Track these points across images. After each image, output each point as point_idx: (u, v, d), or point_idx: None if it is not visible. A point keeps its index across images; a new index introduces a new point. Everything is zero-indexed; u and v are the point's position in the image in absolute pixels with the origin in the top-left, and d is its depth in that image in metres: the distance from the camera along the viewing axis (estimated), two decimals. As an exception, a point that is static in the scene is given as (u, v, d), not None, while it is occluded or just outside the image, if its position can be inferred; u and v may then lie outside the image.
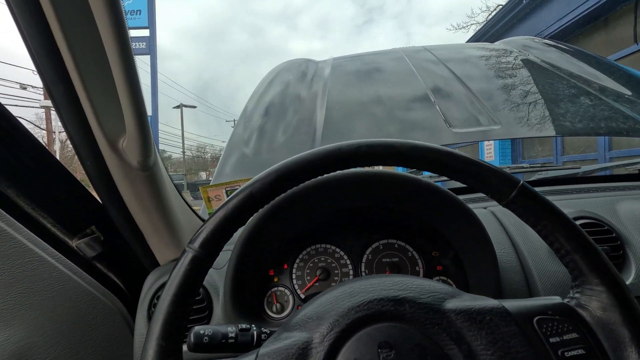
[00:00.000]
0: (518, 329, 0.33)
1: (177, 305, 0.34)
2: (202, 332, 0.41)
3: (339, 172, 0.57)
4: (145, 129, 0.46)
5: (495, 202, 0.81)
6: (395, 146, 0.39)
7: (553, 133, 1.13)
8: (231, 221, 0.37)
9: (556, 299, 0.36)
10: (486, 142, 6.16)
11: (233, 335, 0.44)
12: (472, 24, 10.97)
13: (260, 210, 0.58)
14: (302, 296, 0.68)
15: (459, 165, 0.38)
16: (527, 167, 1.15)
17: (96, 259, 0.68)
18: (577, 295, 0.35)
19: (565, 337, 0.33)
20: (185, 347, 0.41)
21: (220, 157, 1.29)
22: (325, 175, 0.51)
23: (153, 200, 0.58)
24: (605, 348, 0.32)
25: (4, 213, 0.53)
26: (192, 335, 0.41)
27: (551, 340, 0.33)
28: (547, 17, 5.11)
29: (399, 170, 0.66)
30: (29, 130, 0.57)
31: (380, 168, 0.79)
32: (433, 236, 0.69)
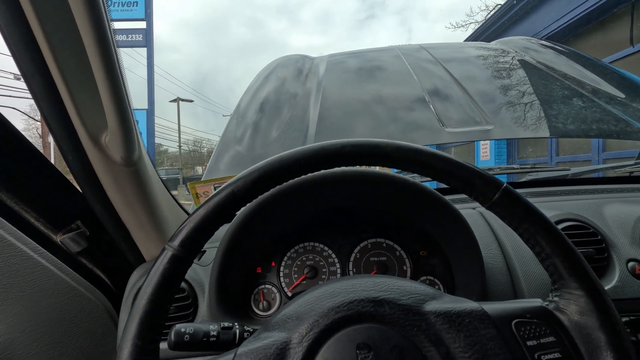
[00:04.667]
0: (496, 332, 0.33)
1: (154, 304, 0.34)
2: (183, 330, 0.41)
3: (326, 171, 0.57)
4: (127, 124, 0.46)
5: None
6: (380, 146, 0.39)
7: (546, 134, 1.14)
8: (212, 219, 0.37)
9: (536, 302, 0.36)
10: (482, 142, 6.18)
11: (215, 333, 0.43)
12: (471, 23, 10.97)
13: (247, 206, 0.57)
14: (289, 294, 0.68)
15: (443, 166, 0.38)
16: (517, 168, 1.15)
17: (81, 254, 0.68)
18: (555, 298, 0.35)
19: (542, 341, 0.33)
20: (166, 345, 0.41)
21: (213, 153, 1.28)
22: (312, 174, 0.51)
23: (138, 196, 0.57)
24: (582, 352, 0.32)
25: None
26: (172, 333, 0.40)
27: (528, 343, 0.33)
28: (544, 17, 5.12)
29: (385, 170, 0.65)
30: (11, 121, 0.55)
31: (364, 167, 0.78)
32: (421, 236, 0.69)
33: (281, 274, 0.69)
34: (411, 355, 0.32)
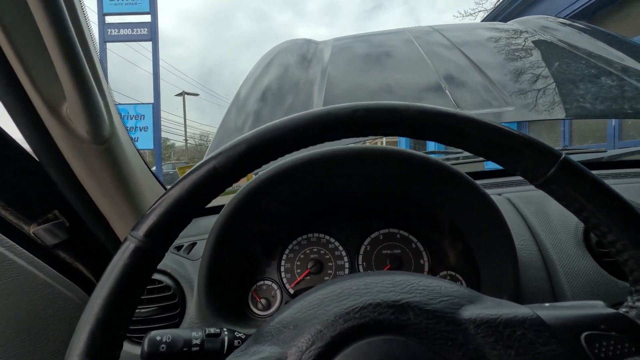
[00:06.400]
0: (562, 349, 0.24)
1: (110, 311, 0.26)
2: (158, 338, 0.34)
3: (332, 147, 0.48)
4: (87, 90, 0.38)
5: (512, 188, 0.72)
6: (400, 110, 0.30)
7: (572, 115, 1.04)
8: (187, 202, 0.28)
9: (606, 308, 0.28)
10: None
11: (198, 342, 0.36)
12: (479, 11, 10.70)
13: (240, 190, 0.50)
14: (291, 291, 0.60)
15: (482, 133, 0.29)
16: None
17: (59, 247, 0.60)
18: (638, 304, 0.27)
19: None
20: (139, 355, 0.34)
21: (211, 142, 1.22)
22: (315, 151, 0.43)
23: (112, 179, 0.49)
24: None
25: None
26: (146, 342, 0.33)
27: None
28: (558, 1, 4.93)
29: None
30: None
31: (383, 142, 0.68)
32: (440, 225, 0.61)
33: (282, 269, 0.61)
34: None
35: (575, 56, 1.36)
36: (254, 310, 0.60)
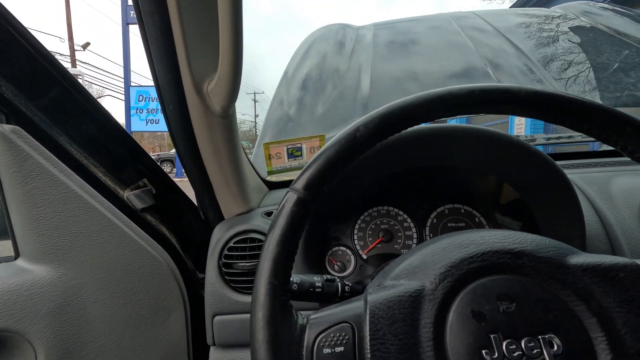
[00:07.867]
0: None
1: (284, 245, 0.33)
2: (291, 279, 0.41)
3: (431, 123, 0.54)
4: (238, 70, 0.44)
5: (574, 170, 0.76)
6: (513, 91, 0.35)
7: (622, 103, 1.05)
8: (334, 164, 0.35)
9: None
10: (517, 117, 5.84)
11: (319, 285, 0.43)
12: (508, -6, 10.21)
13: None
14: (364, 257, 0.67)
15: (587, 113, 0.34)
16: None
17: (146, 211, 0.68)
18: None
19: None
20: None
21: (263, 124, 1.27)
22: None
23: (228, 150, 0.56)
24: None
25: (55, 159, 0.53)
26: None
27: None
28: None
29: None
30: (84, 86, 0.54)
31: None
32: (501, 202, 0.66)
33: (355, 237, 0.68)
34: (558, 308, 0.30)
35: (625, 44, 1.34)
36: (331, 271, 0.67)
